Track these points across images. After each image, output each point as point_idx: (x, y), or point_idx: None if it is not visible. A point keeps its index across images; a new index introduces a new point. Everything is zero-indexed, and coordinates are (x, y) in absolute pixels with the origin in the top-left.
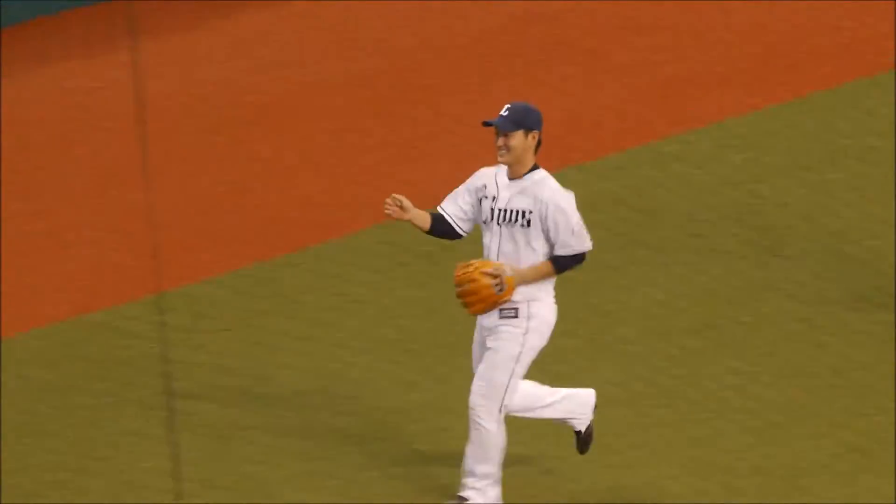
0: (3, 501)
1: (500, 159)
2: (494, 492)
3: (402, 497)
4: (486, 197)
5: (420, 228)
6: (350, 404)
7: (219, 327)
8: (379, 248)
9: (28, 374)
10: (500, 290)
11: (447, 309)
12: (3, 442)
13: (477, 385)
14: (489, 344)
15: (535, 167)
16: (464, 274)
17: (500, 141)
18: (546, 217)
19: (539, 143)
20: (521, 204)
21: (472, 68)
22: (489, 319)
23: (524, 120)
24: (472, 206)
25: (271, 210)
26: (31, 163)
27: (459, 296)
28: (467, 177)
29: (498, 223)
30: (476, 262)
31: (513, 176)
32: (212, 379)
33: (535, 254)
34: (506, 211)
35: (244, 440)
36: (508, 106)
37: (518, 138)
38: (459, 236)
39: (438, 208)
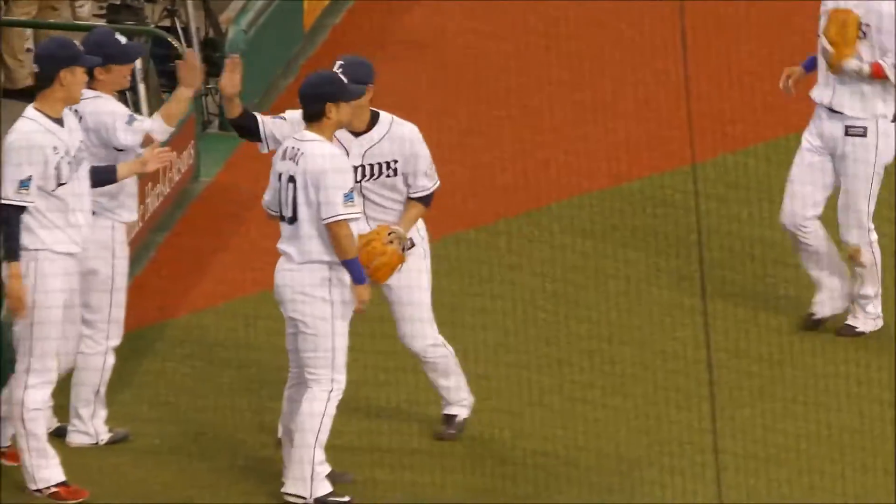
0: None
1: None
2: (469, 398)
3: None
4: None
5: (229, 111)
6: (885, 277)
7: (753, 197)
8: None
9: (564, 242)
10: (405, 249)
11: None
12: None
13: (409, 329)
14: (393, 282)
15: (376, 115)
16: (370, 251)
17: None
18: (407, 161)
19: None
20: (381, 156)
21: None
22: None
23: (359, 76)
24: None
25: (808, 83)
26: (570, 35)
27: (372, 273)
28: None
29: (357, 181)
30: (370, 235)
31: (356, 130)
32: (745, 248)
33: (399, 201)
34: (365, 167)
35: (776, 311)
36: (341, 62)
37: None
38: (259, 142)
39: (257, 114)
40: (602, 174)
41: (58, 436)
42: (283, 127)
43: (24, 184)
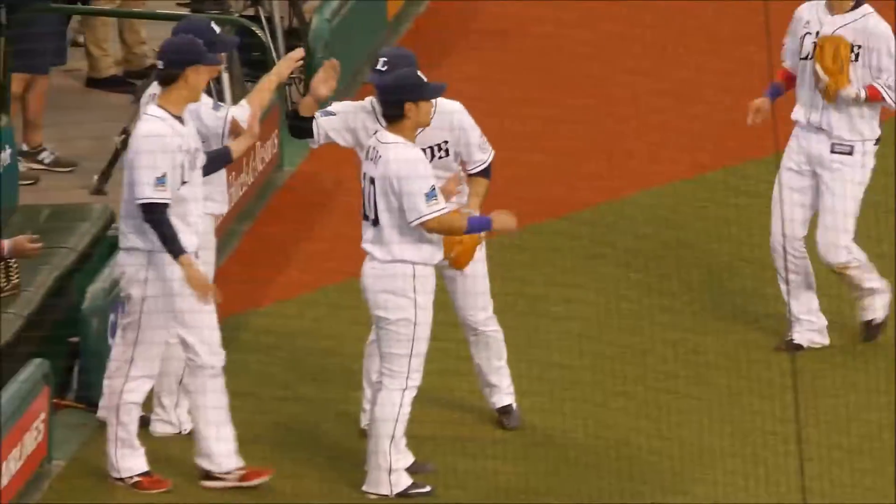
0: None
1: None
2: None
3: None
4: None
5: (305, 109)
6: None
7: None
8: None
9: (647, 232)
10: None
11: None
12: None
13: (470, 301)
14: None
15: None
16: (449, 240)
17: None
18: (457, 138)
19: None
20: (432, 139)
21: None
22: None
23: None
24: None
25: None
26: (654, 23)
27: (454, 262)
28: None
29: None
30: None
31: None
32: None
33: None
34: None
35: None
36: (385, 59)
37: None
38: (310, 138)
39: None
40: (685, 163)
41: (142, 426)
42: (334, 122)
43: (161, 181)
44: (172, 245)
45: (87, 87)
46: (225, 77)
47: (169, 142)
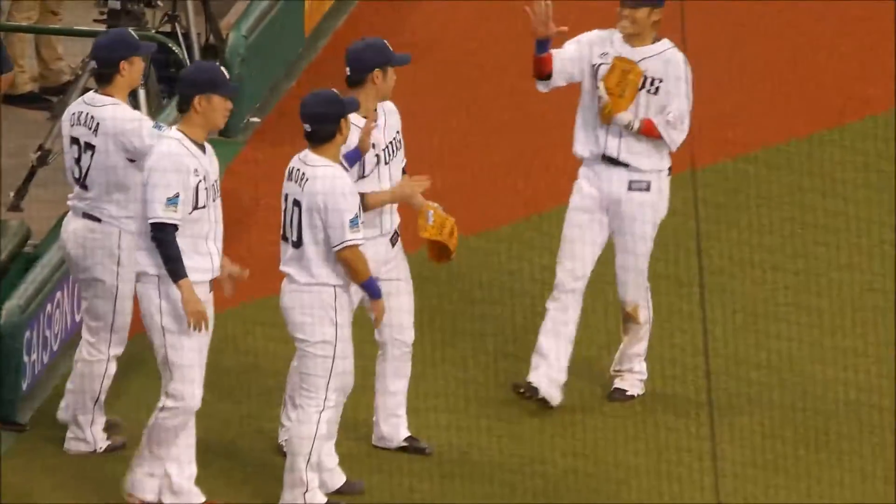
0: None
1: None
2: None
3: None
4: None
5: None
6: (883, 281)
7: (752, 203)
8: None
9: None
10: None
11: None
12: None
13: (406, 323)
14: (396, 286)
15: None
16: (453, 231)
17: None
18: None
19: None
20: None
21: None
22: None
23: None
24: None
25: (810, 86)
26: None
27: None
28: None
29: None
30: (443, 219)
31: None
32: (744, 255)
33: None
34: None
35: (775, 317)
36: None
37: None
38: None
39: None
40: None
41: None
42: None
43: (172, 201)
44: (174, 266)
45: (4, 104)
46: (141, 93)
47: (185, 162)
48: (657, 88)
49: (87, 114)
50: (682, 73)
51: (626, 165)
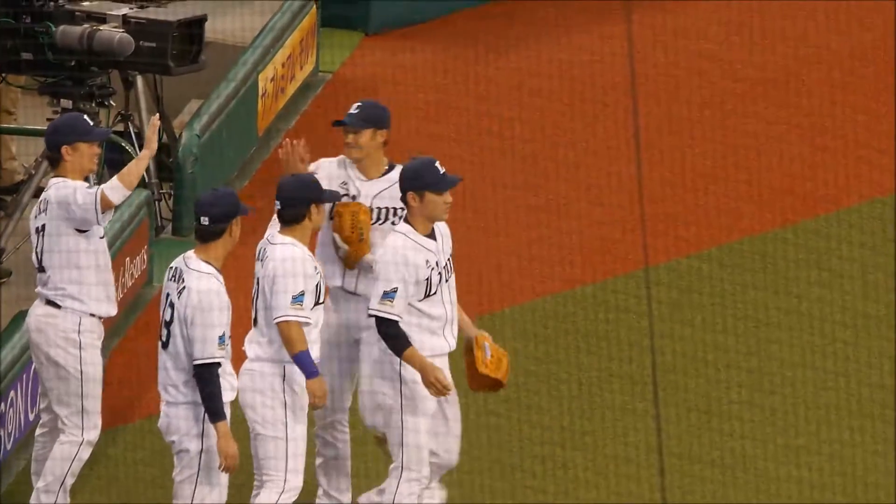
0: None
1: (446, 216)
2: None
3: (889, 472)
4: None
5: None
6: (835, 380)
7: (706, 301)
8: (869, 224)
9: (516, 347)
10: None
11: None
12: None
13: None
14: (451, 397)
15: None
16: (498, 367)
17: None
18: None
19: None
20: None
21: None
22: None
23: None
24: None
25: (761, 185)
26: (525, 137)
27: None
28: None
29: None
30: (491, 347)
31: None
32: (697, 353)
33: None
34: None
35: (728, 415)
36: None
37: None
38: None
39: None
40: (555, 278)
41: None
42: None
43: (222, 339)
44: (215, 405)
45: None
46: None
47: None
48: (401, 218)
49: (43, 198)
50: None
51: (364, 297)
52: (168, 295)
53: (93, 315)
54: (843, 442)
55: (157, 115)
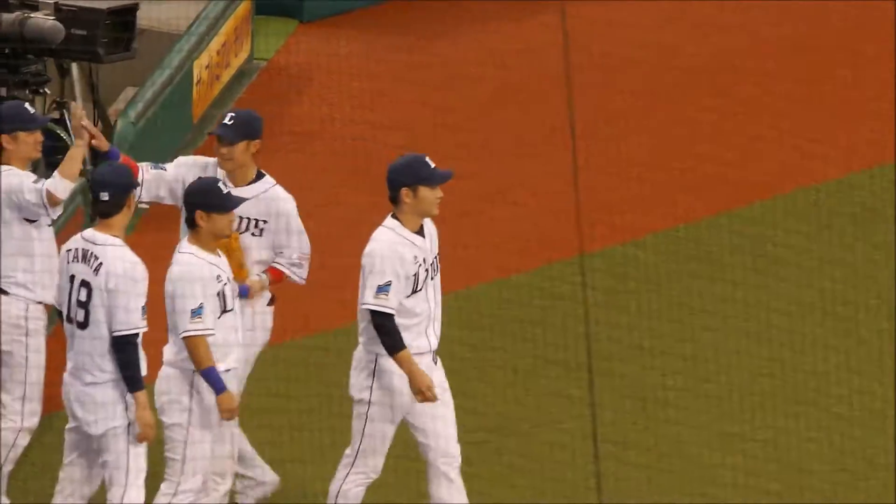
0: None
1: (437, 212)
2: None
3: (823, 459)
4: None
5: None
6: (770, 366)
7: (641, 288)
8: (804, 211)
9: (451, 334)
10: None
11: (870, 272)
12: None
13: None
14: (442, 397)
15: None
16: None
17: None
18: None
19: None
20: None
21: None
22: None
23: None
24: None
25: (696, 173)
26: (460, 125)
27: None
28: None
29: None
30: None
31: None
32: (632, 340)
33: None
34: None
35: (664, 402)
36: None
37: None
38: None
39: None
40: (490, 266)
41: None
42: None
43: (144, 310)
44: (136, 374)
45: None
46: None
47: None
48: (262, 230)
49: None
50: (287, 209)
51: None
52: (73, 277)
53: (39, 302)
54: (777, 428)
55: (74, 104)
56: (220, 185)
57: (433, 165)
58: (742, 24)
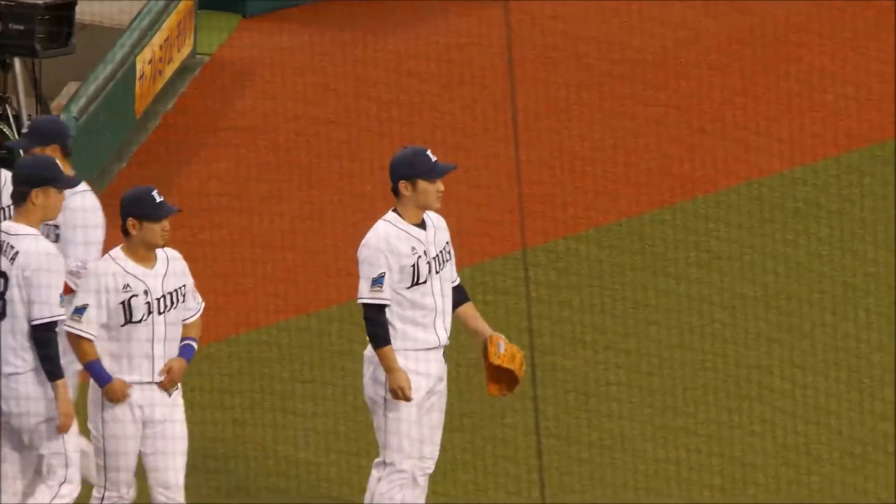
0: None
1: (438, 205)
2: None
3: (766, 453)
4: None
5: None
6: (713, 361)
7: (584, 283)
8: (747, 205)
9: None
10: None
11: (813, 266)
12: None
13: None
14: (437, 402)
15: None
16: (512, 360)
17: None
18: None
19: None
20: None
21: (843, 24)
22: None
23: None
24: None
25: (639, 167)
26: (403, 120)
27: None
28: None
29: (437, 270)
30: (505, 344)
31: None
32: (575, 334)
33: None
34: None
35: (606, 396)
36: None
37: None
38: None
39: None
40: None
41: None
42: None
43: (62, 298)
44: (56, 363)
45: None
46: None
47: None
48: (57, 236)
49: None
50: (80, 221)
51: None
52: None
53: None
54: (720, 423)
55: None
56: (154, 193)
57: (434, 159)
58: (685, 17)
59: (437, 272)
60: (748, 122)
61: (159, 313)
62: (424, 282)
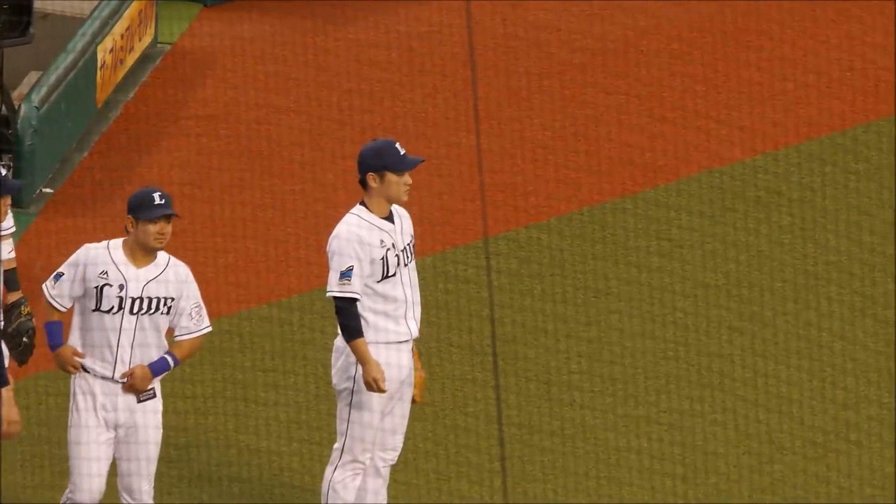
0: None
1: (405, 198)
2: None
3: (728, 442)
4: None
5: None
6: (675, 349)
7: (545, 272)
8: (708, 194)
9: None
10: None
11: (775, 254)
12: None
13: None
14: (407, 392)
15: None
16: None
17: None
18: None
19: None
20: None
21: (804, 13)
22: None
23: None
24: None
25: (600, 156)
26: (364, 108)
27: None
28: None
29: (405, 263)
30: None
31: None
32: (537, 323)
33: None
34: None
35: (568, 385)
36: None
37: None
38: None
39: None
40: None
41: None
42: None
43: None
44: (2, 370)
45: None
46: None
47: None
48: None
49: None
50: None
51: None
52: None
53: None
54: (682, 411)
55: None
56: (155, 195)
57: (403, 152)
58: (646, 6)
59: (405, 265)
60: (709, 110)
61: (131, 313)
62: (394, 274)
